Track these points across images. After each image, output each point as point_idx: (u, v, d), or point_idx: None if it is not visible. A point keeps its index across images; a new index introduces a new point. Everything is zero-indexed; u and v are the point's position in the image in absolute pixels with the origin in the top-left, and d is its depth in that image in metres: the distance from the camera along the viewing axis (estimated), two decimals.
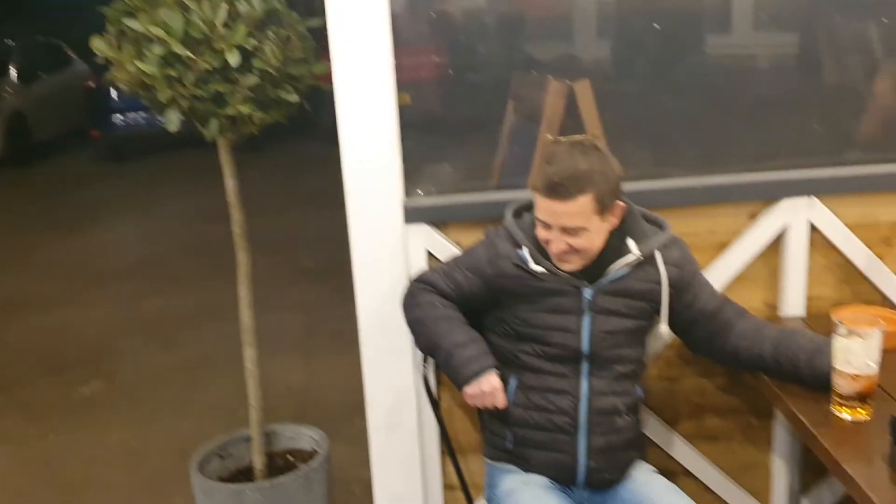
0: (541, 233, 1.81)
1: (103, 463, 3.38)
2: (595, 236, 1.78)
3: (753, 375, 2.00)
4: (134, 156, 9.59)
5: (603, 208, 1.76)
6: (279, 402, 3.68)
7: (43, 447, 3.52)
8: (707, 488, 2.37)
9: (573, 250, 1.78)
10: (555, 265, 1.83)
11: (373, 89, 2.07)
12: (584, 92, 2.28)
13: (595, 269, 1.84)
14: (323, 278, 5.24)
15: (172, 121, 2.09)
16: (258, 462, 2.43)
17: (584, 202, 1.73)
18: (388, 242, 2.17)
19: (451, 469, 2.35)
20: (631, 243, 1.85)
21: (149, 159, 9.55)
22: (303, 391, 3.91)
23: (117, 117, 9.25)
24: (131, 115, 9.16)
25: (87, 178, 9.03)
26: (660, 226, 1.92)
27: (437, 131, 2.52)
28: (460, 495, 2.37)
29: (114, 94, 9.09)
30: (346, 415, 3.39)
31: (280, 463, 2.54)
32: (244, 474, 2.51)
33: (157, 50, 2.00)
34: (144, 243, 6.50)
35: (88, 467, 3.36)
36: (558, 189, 1.73)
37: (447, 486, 2.39)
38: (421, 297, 2.00)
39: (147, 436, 3.60)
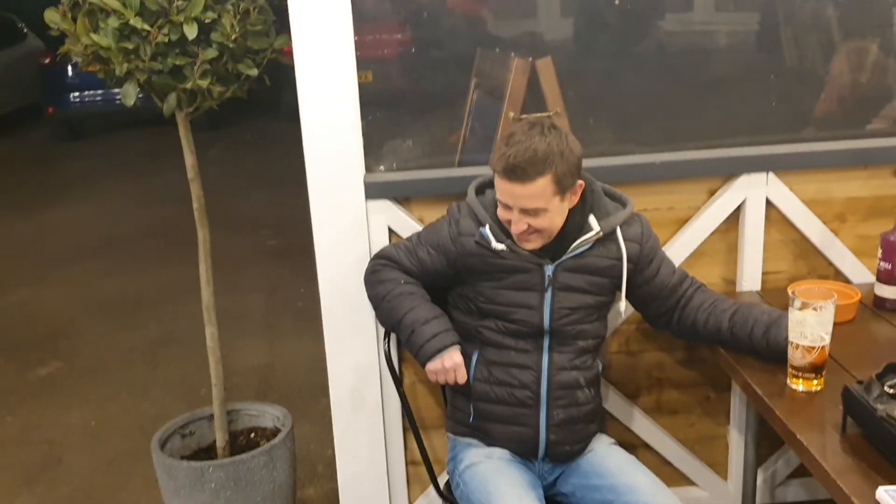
0: (501, 213, 1.81)
1: (62, 445, 3.33)
2: (555, 216, 1.79)
3: (711, 349, 2.04)
4: (91, 134, 9.41)
5: (562, 189, 1.77)
6: (242, 381, 3.66)
7: (2, 430, 3.46)
8: (666, 461, 2.42)
9: (534, 230, 1.79)
10: (516, 243, 1.84)
11: (334, 64, 2.05)
12: (547, 69, 2.28)
13: (557, 245, 1.85)
14: (286, 258, 5.21)
15: (129, 94, 2.05)
16: (220, 440, 2.41)
17: (543, 184, 1.74)
18: (349, 219, 2.16)
19: (414, 445, 2.36)
20: (592, 220, 1.86)
21: (106, 138, 9.38)
22: (266, 370, 3.89)
23: (73, 95, 9.04)
24: (88, 92, 8.95)
25: (42, 156, 8.84)
26: (622, 202, 1.93)
27: (400, 108, 2.50)
28: (423, 471, 2.38)
29: (69, 70, 8.88)
30: (310, 394, 3.38)
31: (243, 441, 2.53)
32: (206, 452, 2.50)
33: (113, 22, 1.96)
34: (102, 223, 6.39)
35: (47, 449, 3.32)
36: (517, 171, 1.73)
37: (410, 462, 2.41)
38: (384, 274, 2.00)
39: (107, 416, 3.55)
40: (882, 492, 1.40)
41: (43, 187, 7.51)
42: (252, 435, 2.55)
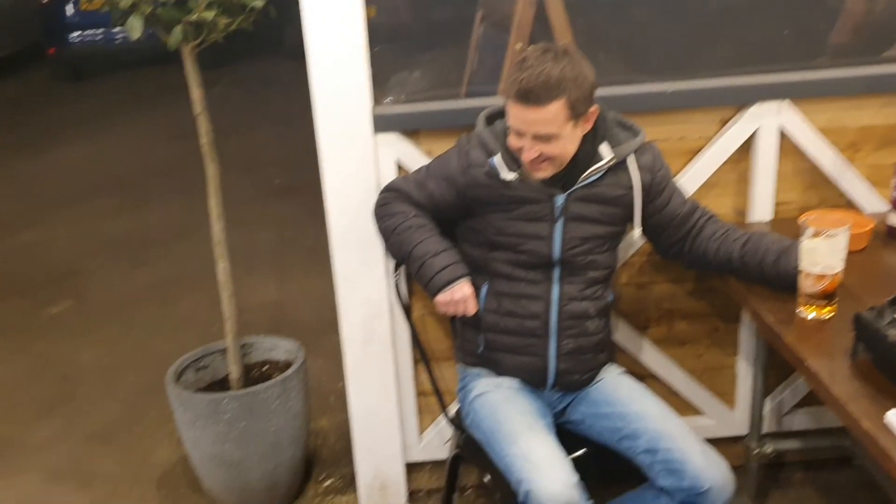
0: (513, 141, 1.79)
1: (77, 381, 3.38)
2: (568, 143, 1.77)
3: (721, 279, 2.04)
4: (93, 74, 9.30)
5: (576, 114, 1.75)
6: (253, 317, 3.68)
7: (14, 367, 3.51)
8: (673, 391, 2.44)
9: (546, 158, 1.78)
10: (527, 173, 1.83)
11: None
12: None
13: (567, 175, 1.84)
14: (293, 197, 5.20)
15: (135, 28, 2.02)
16: (234, 372, 2.44)
17: (557, 109, 1.71)
18: (357, 152, 2.15)
19: (424, 376, 2.40)
20: (604, 148, 1.84)
21: (109, 77, 9.28)
22: (276, 308, 3.92)
23: (74, 34, 8.91)
24: (88, 31, 8.82)
25: (45, 97, 8.76)
26: (634, 132, 1.91)
27: (406, 41, 2.47)
28: (433, 401, 2.42)
29: (69, 9, 8.75)
30: (319, 330, 3.40)
31: (256, 374, 2.56)
32: (220, 385, 2.53)
33: None
34: (108, 163, 6.37)
35: (61, 385, 3.37)
36: (530, 96, 1.71)
37: (420, 393, 2.44)
38: (393, 207, 1.99)
39: (120, 353, 3.60)
40: (891, 415, 1.41)
41: (47, 128, 7.46)
42: (265, 368, 2.59)
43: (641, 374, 2.39)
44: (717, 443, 1.84)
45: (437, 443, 2.47)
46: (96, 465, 2.84)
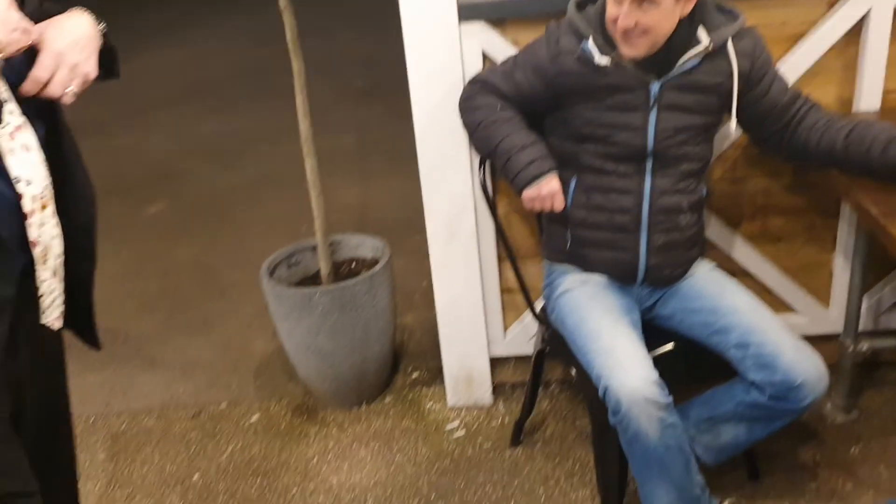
0: (611, 8, 1.70)
1: (176, 275, 3.54)
2: (665, 18, 1.67)
3: (822, 171, 1.95)
4: None
5: None
6: (337, 218, 3.73)
7: (118, 264, 3.68)
8: (766, 289, 2.39)
9: (641, 30, 1.68)
10: (620, 56, 1.75)
11: None
12: None
13: (663, 61, 1.76)
14: (374, 99, 5.19)
15: None
16: (324, 268, 2.51)
17: None
18: (442, 44, 2.11)
19: (508, 274, 2.41)
20: (701, 33, 1.75)
21: None
22: (360, 209, 3.98)
23: None
24: None
25: (131, 3, 8.88)
26: (733, 16, 1.81)
27: None
28: (517, 298, 2.44)
29: None
30: (403, 229, 3.44)
31: (345, 271, 2.62)
32: (311, 280, 2.61)
33: None
34: (192, 67, 6.46)
35: (162, 280, 3.53)
36: None
37: (504, 290, 2.46)
38: (479, 100, 1.96)
39: (215, 251, 3.74)
40: None
41: (130, 35, 7.56)
42: (353, 265, 2.64)
43: (733, 271, 2.33)
44: (809, 341, 1.79)
45: (521, 339, 2.50)
46: (197, 355, 2.99)
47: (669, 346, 1.94)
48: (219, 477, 2.40)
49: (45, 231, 1.29)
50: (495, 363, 2.57)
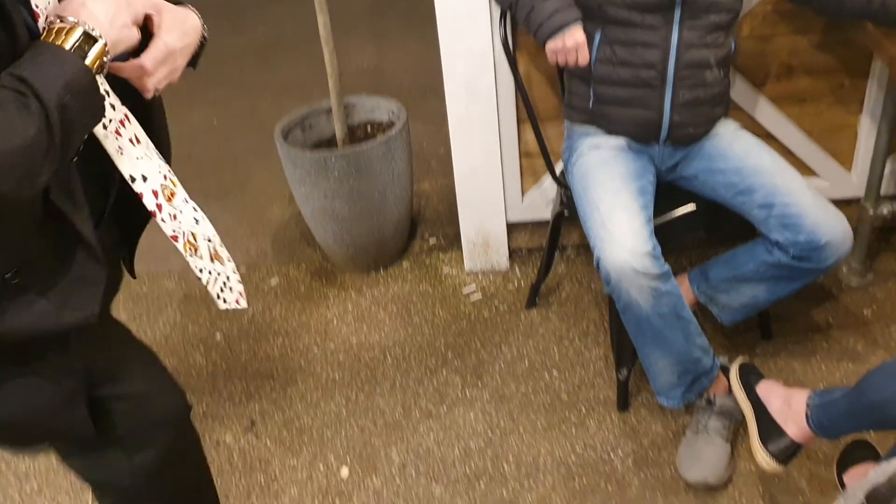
0: None
1: (189, 140, 3.51)
2: None
3: (855, 26, 1.87)
4: None
5: None
6: (352, 81, 3.65)
7: None
8: (788, 150, 2.35)
9: None
10: None
11: None
12: None
13: None
14: None
15: None
16: (339, 131, 2.47)
17: None
18: None
19: (527, 137, 2.37)
20: None
21: None
22: (374, 72, 3.89)
23: None
24: None
25: None
26: None
27: None
28: (536, 162, 2.41)
29: None
30: (419, 94, 3.38)
31: (360, 134, 2.59)
32: (327, 144, 2.58)
33: None
34: None
35: (176, 146, 3.49)
36: None
37: (524, 154, 2.43)
38: None
39: (228, 115, 3.69)
40: None
41: None
42: (368, 128, 2.61)
43: (755, 134, 2.28)
44: None
45: (539, 204, 2.49)
46: (213, 221, 2.99)
47: (691, 207, 1.93)
48: (241, 337, 2.46)
49: (182, 221, 1.22)
50: (512, 228, 2.58)
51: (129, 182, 1.15)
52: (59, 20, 1.02)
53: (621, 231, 1.69)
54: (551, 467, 1.95)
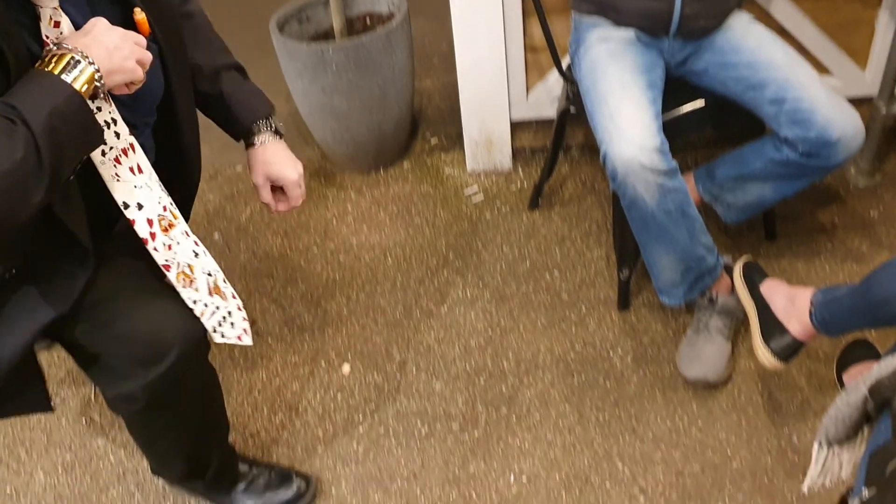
0: None
1: None
2: None
3: None
4: None
5: None
6: None
7: None
8: (803, 48, 2.27)
9: None
10: None
11: None
12: None
13: None
14: None
15: None
16: (337, 23, 2.39)
17: None
18: None
19: (533, 31, 2.29)
20: None
21: None
22: None
23: None
24: None
25: None
26: None
27: None
28: (542, 58, 2.34)
29: None
30: None
31: (360, 27, 2.50)
32: (325, 37, 2.49)
33: None
34: None
35: None
36: None
37: (529, 49, 2.35)
38: None
39: (220, 5, 3.55)
40: None
41: None
42: (368, 20, 2.52)
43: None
44: None
45: (544, 101, 2.43)
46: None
47: (700, 103, 1.87)
48: (239, 236, 2.44)
49: (178, 252, 1.27)
50: (516, 127, 2.52)
51: (122, 208, 1.22)
52: (55, 48, 1.09)
53: (630, 125, 1.65)
54: (550, 364, 1.96)
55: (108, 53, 1.11)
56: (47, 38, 1.12)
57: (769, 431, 1.75)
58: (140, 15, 1.23)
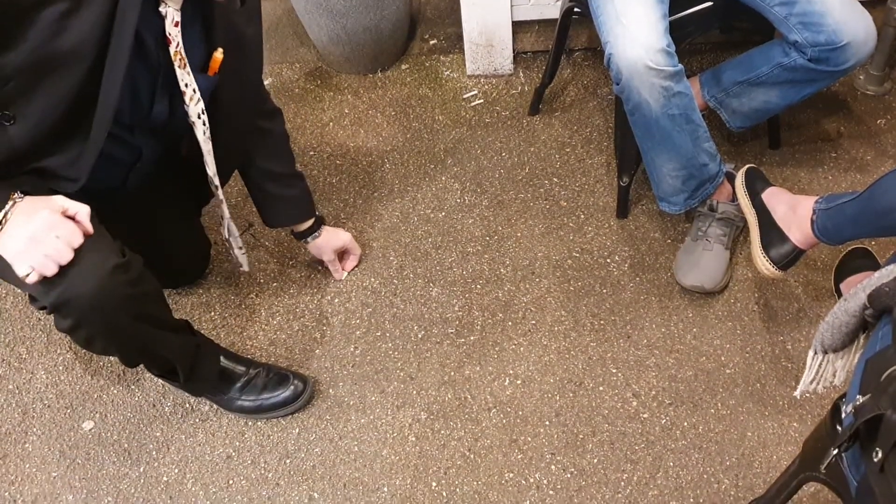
0: None
1: None
2: None
3: None
4: None
5: None
6: None
7: None
8: None
9: None
10: None
11: None
12: None
13: None
14: None
15: None
16: None
17: None
18: None
19: None
20: None
21: None
22: None
23: None
24: None
25: None
26: None
27: None
28: None
29: None
30: None
31: None
32: None
33: None
34: None
35: None
36: None
37: None
38: None
39: None
40: None
41: None
42: None
43: None
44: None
45: (547, 0, 2.35)
46: None
47: (708, 4, 1.81)
48: None
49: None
50: (517, 28, 2.45)
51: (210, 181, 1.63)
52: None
53: (636, 25, 1.59)
54: (547, 270, 1.95)
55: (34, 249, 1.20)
56: (170, 35, 1.29)
57: (764, 339, 1.76)
58: (219, 54, 1.39)
